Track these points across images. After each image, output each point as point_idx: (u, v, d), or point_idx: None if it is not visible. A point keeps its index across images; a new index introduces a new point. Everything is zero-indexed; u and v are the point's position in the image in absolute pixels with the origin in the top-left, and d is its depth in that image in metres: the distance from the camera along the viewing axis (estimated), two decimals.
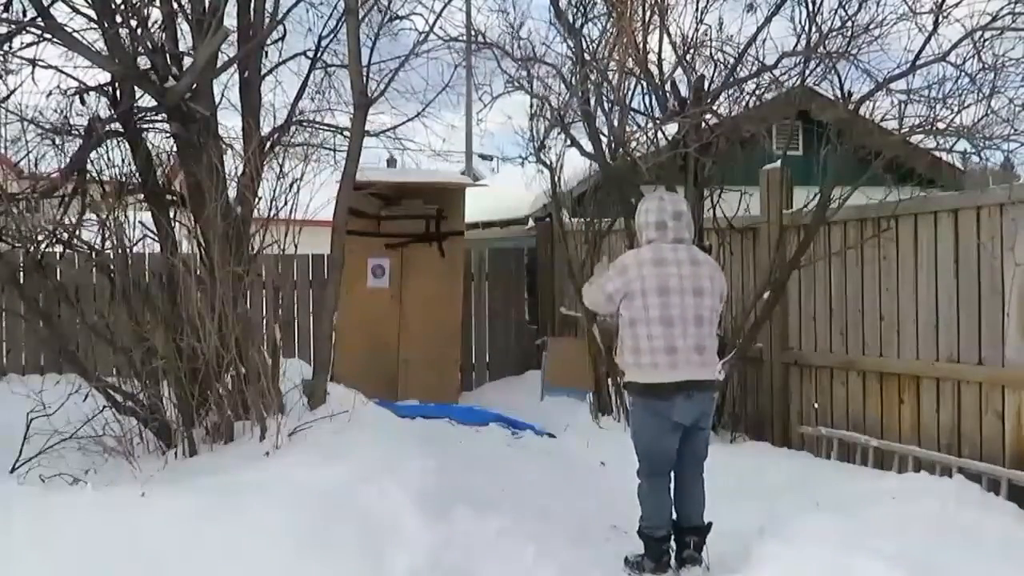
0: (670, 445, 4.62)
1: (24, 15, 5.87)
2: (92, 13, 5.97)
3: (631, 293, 4.59)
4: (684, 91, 7.42)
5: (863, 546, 4.18)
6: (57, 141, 6.34)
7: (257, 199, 5.95)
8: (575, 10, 7.76)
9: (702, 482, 4.78)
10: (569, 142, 8.11)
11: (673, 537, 4.72)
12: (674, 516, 4.75)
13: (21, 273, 6.30)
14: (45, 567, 3.81)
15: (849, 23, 6.59)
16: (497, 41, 8.20)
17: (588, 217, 8.69)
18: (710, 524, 4.74)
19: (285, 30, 6.65)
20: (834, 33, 6.68)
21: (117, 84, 6.08)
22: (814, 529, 4.55)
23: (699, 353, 4.57)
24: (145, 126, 6.34)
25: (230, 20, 6.13)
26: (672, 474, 4.73)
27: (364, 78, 6.19)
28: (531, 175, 9.10)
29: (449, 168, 15.07)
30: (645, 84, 7.44)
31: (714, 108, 7.33)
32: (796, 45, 6.92)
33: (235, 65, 6.16)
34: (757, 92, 7.42)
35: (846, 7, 6.60)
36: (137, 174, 6.16)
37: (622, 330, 4.69)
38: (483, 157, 20.92)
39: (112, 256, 6.10)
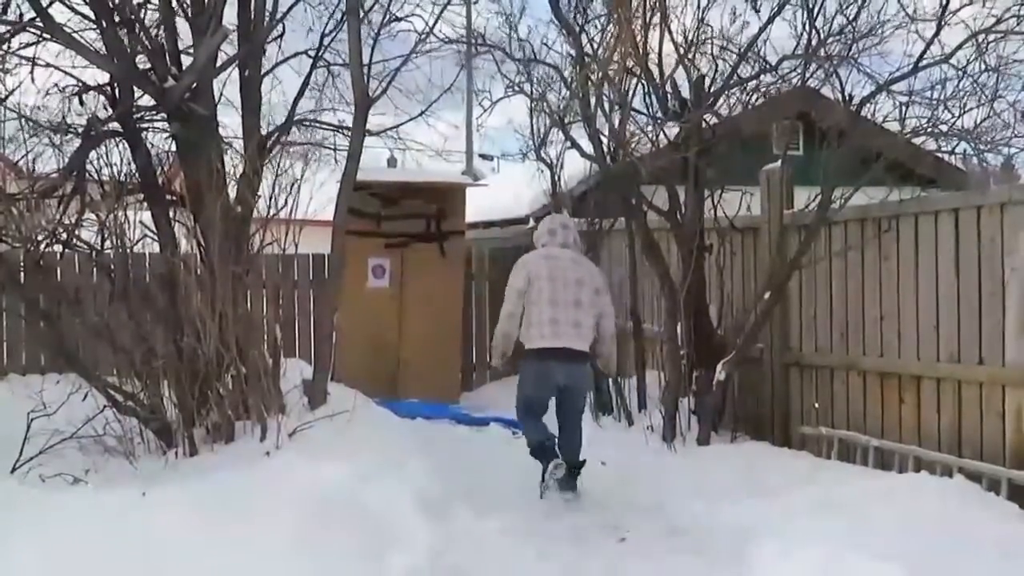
0: (545, 397, 6.10)
1: (21, 17, 5.87)
2: (91, 13, 5.97)
3: (531, 279, 6.02)
4: (685, 91, 7.41)
5: (863, 546, 4.18)
6: (56, 140, 6.33)
7: (257, 198, 5.95)
8: (575, 11, 7.76)
9: (580, 430, 6.19)
10: (569, 144, 8.10)
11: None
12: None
13: (21, 273, 6.30)
14: (45, 567, 3.80)
15: (849, 28, 6.57)
16: (497, 43, 8.22)
17: (589, 217, 8.69)
18: (584, 461, 6.07)
19: (284, 29, 6.65)
20: (833, 38, 6.67)
21: (116, 84, 6.08)
22: (814, 529, 4.55)
23: (575, 328, 5.98)
24: (144, 126, 6.33)
25: (229, 17, 6.14)
26: (558, 419, 6.16)
27: (365, 78, 6.18)
28: (532, 174, 9.10)
29: (449, 168, 15.08)
30: (645, 84, 7.43)
31: (715, 109, 7.32)
32: (796, 48, 6.91)
33: (235, 64, 6.15)
34: (759, 91, 7.40)
35: (845, 12, 6.59)
36: (136, 174, 6.15)
37: (526, 313, 6.02)
38: (483, 157, 20.94)
39: (112, 256, 6.09)
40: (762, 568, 4.21)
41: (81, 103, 6.22)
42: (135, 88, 6.04)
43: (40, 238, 6.03)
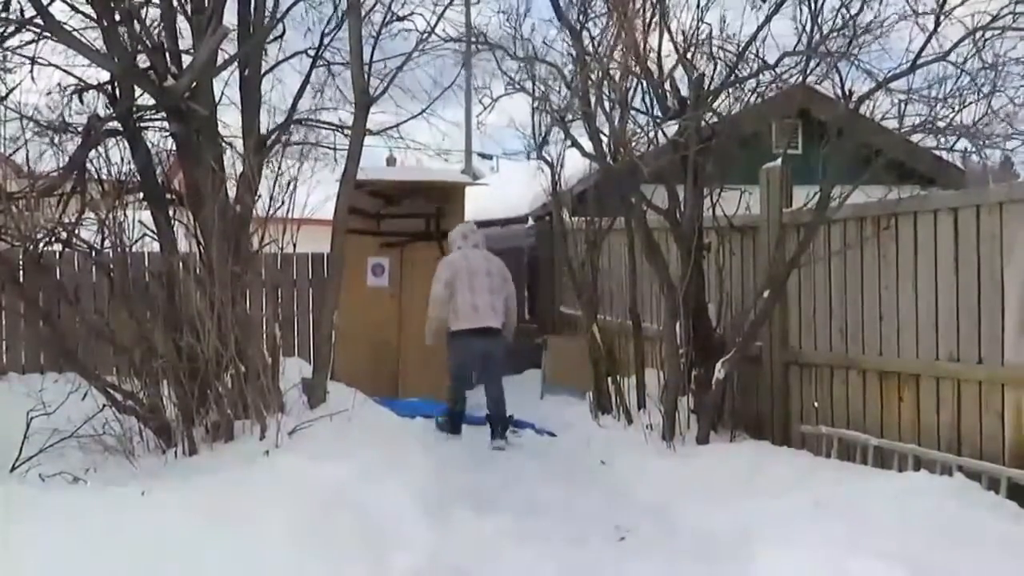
0: (470, 367, 7.92)
1: (22, 15, 5.86)
2: (91, 12, 5.96)
3: (455, 275, 7.70)
4: (684, 90, 7.40)
5: (863, 545, 4.18)
6: (56, 139, 6.33)
7: (256, 198, 5.95)
8: (576, 10, 7.76)
9: (501, 389, 7.80)
10: (570, 143, 8.11)
11: (488, 426, 7.72)
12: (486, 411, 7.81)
13: (21, 272, 6.30)
14: (45, 567, 3.80)
15: (850, 23, 6.56)
16: (498, 41, 8.22)
17: (588, 216, 8.68)
18: (511, 416, 7.85)
19: (284, 28, 6.65)
20: (835, 34, 6.66)
21: (116, 82, 6.08)
22: (814, 528, 4.55)
23: (492, 311, 7.71)
24: (144, 125, 6.33)
25: (230, 17, 6.14)
26: (476, 383, 8.03)
27: (366, 77, 6.18)
28: (532, 173, 9.10)
29: (449, 167, 15.07)
30: (645, 83, 7.42)
31: (714, 108, 7.31)
32: (797, 44, 6.90)
33: (235, 63, 6.15)
34: (758, 90, 7.39)
35: (848, 7, 6.58)
36: (136, 173, 6.15)
37: (452, 303, 7.67)
38: (483, 156, 20.92)
39: (111, 255, 6.09)
40: (762, 568, 4.21)
41: (81, 102, 6.23)
42: (135, 87, 6.04)
43: (40, 237, 6.03)
